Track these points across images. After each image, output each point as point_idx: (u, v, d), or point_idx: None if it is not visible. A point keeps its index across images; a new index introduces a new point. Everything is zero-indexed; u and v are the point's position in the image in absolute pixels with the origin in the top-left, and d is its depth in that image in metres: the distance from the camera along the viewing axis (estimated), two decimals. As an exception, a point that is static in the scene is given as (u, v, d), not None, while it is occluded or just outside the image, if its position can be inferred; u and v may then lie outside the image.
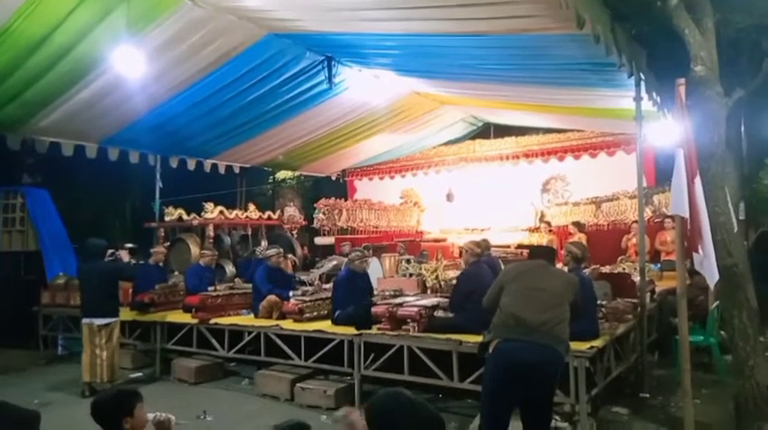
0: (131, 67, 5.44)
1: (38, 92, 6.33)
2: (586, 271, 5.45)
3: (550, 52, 5.37)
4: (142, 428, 2.49)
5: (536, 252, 4.14)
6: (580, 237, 9.16)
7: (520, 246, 10.47)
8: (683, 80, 4.19)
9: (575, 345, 4.37)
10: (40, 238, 9.39)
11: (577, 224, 9.73)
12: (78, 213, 11.53)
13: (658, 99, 5.81)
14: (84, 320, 6.25)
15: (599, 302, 5.05)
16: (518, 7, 4.26)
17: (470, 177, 12.27)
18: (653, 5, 4.65)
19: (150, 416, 2.53)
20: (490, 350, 3.50)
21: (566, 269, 5.16)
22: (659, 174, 9.91)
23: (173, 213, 9.21)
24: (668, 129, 6.09)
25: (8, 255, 9.51)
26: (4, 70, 5.77)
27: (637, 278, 5.87)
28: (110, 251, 6.53)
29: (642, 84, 5.39)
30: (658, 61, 5.62)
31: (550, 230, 10.46)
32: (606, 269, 6.87)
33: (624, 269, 6.94)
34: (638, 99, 5.56)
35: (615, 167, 10.43)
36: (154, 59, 5.74)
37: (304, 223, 11.60)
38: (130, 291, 7.47)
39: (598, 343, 4.51)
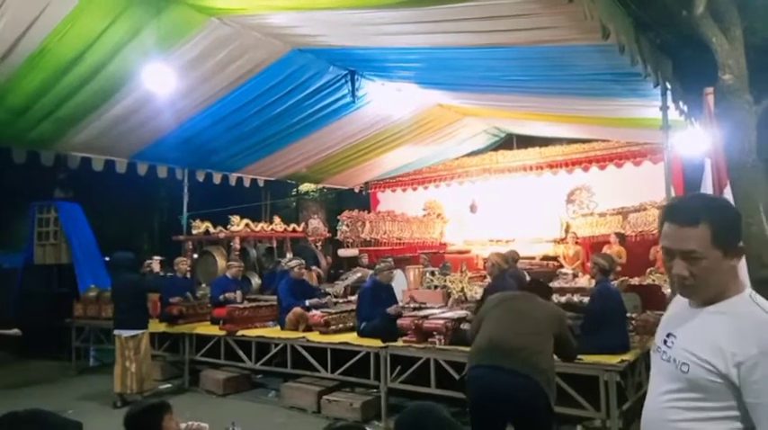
0: (160, 83, 5.57)
1: (70, 109, 6.52)
2: (614, 283, 5.37)
3: (574, 63, 5.35)
4: None
5: (531, 286, 3.83)
6: (620, 251, 8.96)
7: (545, 258, 10.38)
8: (710, 89, 4.15)
9: (604, 359, 4.32)
10: (72, 251, 9.62)
11: (619, 235, 9.50)
12: (108, 227, 11.80)
13: (685, 108, 5.74)
14: (115, 332, 6.41)
15: (628, 315, 4.97)
16: (540, 19, 4.26)
17: (494, 188, 12.21)
18: (677, 15, 4.61)
19: (183, 425, 2.57)
20: (466, 378, 3.27)
21: (593, 281, 5.11)
22: (687, 184, 9.73)
23: (200, 226, 9.35)
24: (696, 139, 6.01)
25: (42, 268, 9.77)
26: (39, 89, 5.96)
27: (667, 290, 5.77)
28: (146, 262, 6.69)
29: (668, 93, 5.34)
30: (684, 70, 5.55)
31: (576, 242, 10.32)
32: (635, 281, 6.76)
33: (654, 281, 6.81)
34: (664, 108, 5.49)
35: (642, 177, 10.27)
36: (182, 76, 5.87)
37: (328, 235, 11.67)
38: (159, 303, 7.60)
39: (629, 356, 4.44)
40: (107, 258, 9.67)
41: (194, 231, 9.42)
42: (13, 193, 11.81)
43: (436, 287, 7.21)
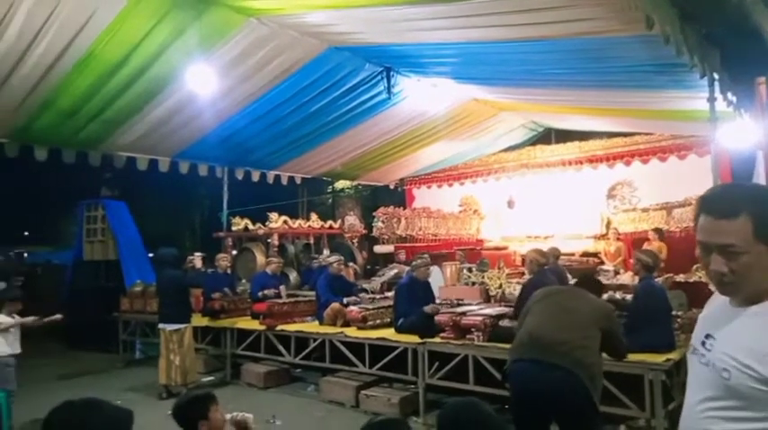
0: (201, 84, 5.68)
1: (116, 111, 6.73)
2: (659, 280, 5.23)
3: (613, 54, 5.22)
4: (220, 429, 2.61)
5: (580, 281, 3.81)
6: (660, 246, 8.71)
7: (585, 254, 10.17)
8: (762, 78, 4.00)
9: (649, 357, 4.22)
10: (119, 248, 9.96)
11: (658, 231, 9.23)
12: (152, 224, 12.17)
13: (734, 99, 5.52)
14: (160, 326, 6.61)
15: (674, 313, 4.84)
16: (578, 11, 4.18)
17: (531, 184, 12.02)
18: (725, 3, 4.44)
19: (228, 416, 2.65)
20: (507, 372, 3.20)
21: (636, 278, 4.99)
22: (735, 177, 9.36)
23: (239, 223, 9.54)
24: (745, 130, 5.78)
25: (91, 264, 10.16)
26: (87, 92, 6.17)
27: (714, 287, 5.58)
28: (189, 258, 6.92)
29: (716, 84, 5.15)
30: (732, 60, 5.34)
31: (618, 238, 10.08)
32: (681, 278, 6.56)
33: (700, 278, 6.58)
34: (711, 100, 5.30)
35: (687, 171, 9.93)
36: (222, 76, 5.98)
37: (364, 232, 11.73)
38: (201, 298, 7.80)
39: (674, 355, 4.33)
40: (151, 254, 9.98)
41: (234, 228, 9.62)
42: (62, 193, 12.30)
43: (473, 283, 7.17)
